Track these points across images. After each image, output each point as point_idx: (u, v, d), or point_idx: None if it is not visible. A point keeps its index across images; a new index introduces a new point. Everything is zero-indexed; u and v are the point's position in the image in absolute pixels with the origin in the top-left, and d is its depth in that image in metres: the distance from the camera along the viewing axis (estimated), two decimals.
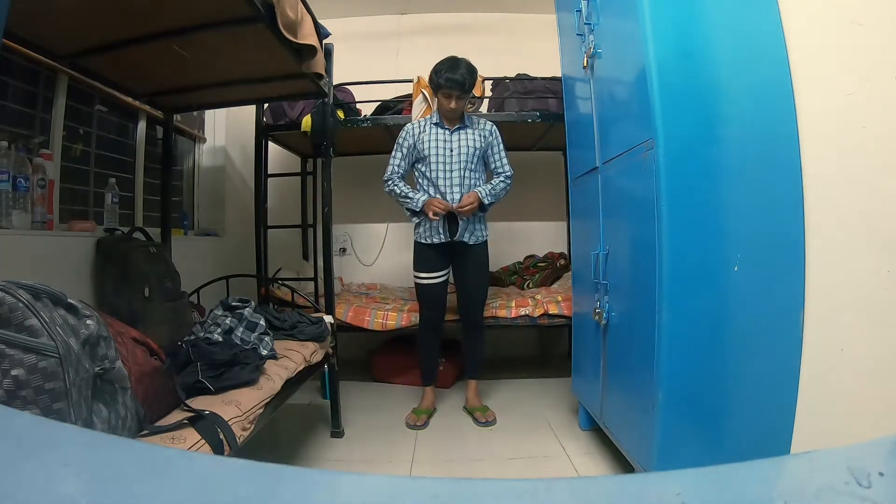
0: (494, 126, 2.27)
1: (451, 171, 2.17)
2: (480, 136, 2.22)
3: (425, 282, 2.23)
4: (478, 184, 2.21)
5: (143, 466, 0.30)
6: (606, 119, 1.71)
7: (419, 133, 2.21)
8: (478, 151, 2.20)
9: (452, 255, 2.24)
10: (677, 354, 1.30)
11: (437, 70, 2.12)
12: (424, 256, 2.22)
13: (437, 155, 2.17)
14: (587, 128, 1.85)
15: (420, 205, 2.14)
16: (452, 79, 2.07)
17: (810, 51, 1.28)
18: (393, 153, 2.24)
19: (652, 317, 1.32)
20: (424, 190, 2.21)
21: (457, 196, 2.16)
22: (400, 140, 2.23)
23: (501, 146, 2.27)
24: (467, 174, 2.18)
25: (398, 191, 2.20)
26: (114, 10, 1.30)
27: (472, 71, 2.14)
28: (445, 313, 2.35)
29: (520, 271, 3.33)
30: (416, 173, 2.24)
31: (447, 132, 2.20)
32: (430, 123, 2.22)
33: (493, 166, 2.27)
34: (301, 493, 0.29)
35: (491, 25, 3.63)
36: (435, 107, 2.30)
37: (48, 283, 0.80)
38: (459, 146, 2.18)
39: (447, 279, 2.26)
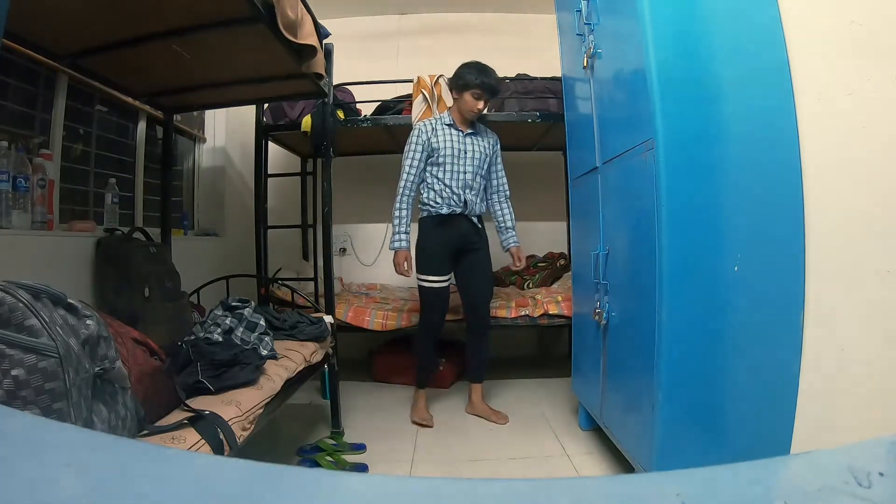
0: (497, 138, 2.35)
1: (465, 174, 2.20)
2: (489, 144, 2.28)
3: (434, 285, 2.21)
4: (483, 189, 2.29)
5: (143, 466, 0.30)
6: (606, 119, 1.71)
7: (432, 131, 2.22)
8: (488, 158, 2.26)
9: (457, 257, 2.24)
10: (677, 354, 1.30)
11: (469, 70, 2.15)
12: (430, 259, 2.21)
13: (453, 156, 2.19)
14: (587, 128, 1.85)
15: (395, 246, 2.19)
16: (488, 83, 2.13)
17: (810, 51, 1.28)
18: (408, 156, 2.21)
19: (652, 317, 1.32)
20: (437, 192, 2.20)
21: (469, 197, 2.20)
22: (413, 138, 2.22)
23: (501, 160, 2.36)
24: (478, 179, 2.24)
25: (397, 215, 2.21)
26: (114, 10, 1.30)
27: (498, 78, 2.22)
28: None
29: (520, 271, 3.33)
30: (429, 175, 2.23)
31: (461, 134, 2.22)
32: (443, 124, 2.23)
33: (494, 181, 2.34)
34: (301, 493, 0.29)
35: (491, 25, 3.63)
36: (442, 108, 2.30)
37: (48, 283, 0.80)
38: (474, 149, 2.22)
39: (451, 282, 2.27)
